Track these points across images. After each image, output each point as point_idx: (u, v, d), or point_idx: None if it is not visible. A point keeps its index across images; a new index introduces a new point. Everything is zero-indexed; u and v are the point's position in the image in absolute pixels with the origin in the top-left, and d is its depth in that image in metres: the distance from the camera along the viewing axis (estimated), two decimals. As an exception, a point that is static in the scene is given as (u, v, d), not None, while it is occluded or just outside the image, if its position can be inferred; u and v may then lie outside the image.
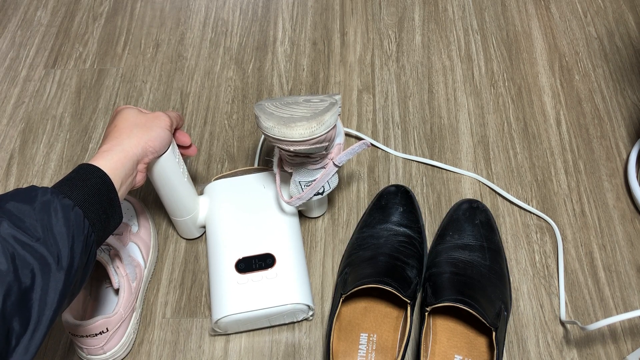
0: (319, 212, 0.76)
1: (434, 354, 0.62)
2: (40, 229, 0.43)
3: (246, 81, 0.90)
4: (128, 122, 0.57)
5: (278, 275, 0.65)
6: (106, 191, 0.50)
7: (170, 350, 0.67)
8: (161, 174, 0.62)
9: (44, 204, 0.44)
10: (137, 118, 0.58)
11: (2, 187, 0.81)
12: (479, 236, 0.69)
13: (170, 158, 0.61)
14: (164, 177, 0.63)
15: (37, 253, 0.42)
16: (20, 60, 0.95)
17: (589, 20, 0.94)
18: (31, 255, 0.41)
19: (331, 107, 0.60)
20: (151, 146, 0.56)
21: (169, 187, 0.64)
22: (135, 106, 0.65)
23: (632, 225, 0.74)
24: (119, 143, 0.54)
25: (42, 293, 0.41)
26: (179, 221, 0.70)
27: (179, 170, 0.64)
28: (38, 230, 0.43)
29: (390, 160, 0.81)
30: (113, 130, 0.56)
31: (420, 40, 0.93)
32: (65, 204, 0.45)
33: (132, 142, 0.55)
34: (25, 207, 0.43)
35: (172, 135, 0.62)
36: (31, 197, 0.44)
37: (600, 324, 0.58)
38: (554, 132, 0.83)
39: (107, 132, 0.57)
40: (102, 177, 0.50)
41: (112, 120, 0.58)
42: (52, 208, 0.44)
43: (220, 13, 0.99)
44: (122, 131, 0.55)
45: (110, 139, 0.55)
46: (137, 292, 0.67)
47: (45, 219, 0.43)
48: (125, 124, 0.56)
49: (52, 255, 0.42)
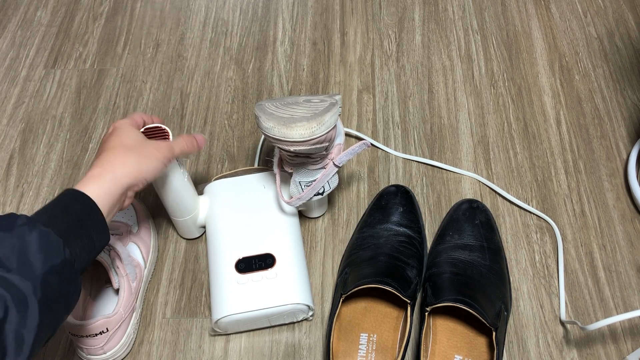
0: (319, 212, 0.76)
1: (434, 354, 0.62)
2: (15, 259, 0.41)
3: (246, 81, 0.90)
4: (124, 146, 0.54)
5: (278, 276, 0.65)
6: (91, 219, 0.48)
7: (170, 350, 0.67)
8: (162, 175, 0.62)
9: (21, 233, 0.42)
10: (135, 141, 0.55)
11: (2, 187, 0.81)
12: (479, 236, 0.69)
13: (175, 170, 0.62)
14: (164, 178, 0.63)
15: (10, 284, 0.40)
16: (20, 60, 0.95)
17: (589, 20, 0.94)
18: (4, 287, 0.40)
19: (331, 107, 0.60)
20: (144, 177, 0.54)
21: (170, 188, 0.64)
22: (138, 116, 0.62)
23: (632, 225, 0.74)
24: (111, 170, 0.52)
25: (17, 325, 0.40)
26: (179, 221, 0.70)
27: (179, 171, 0.64)
28: (12, 260, 0.41)
29: (390, 160, 0.81)
30: (107, 152, 0.54)
31: (420, 40, 0.93)
32: (43, 232, 0.43)
33: (124, 171, 0.53)
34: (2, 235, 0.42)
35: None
36: (9, 225, 0.43)
37: (600, 324, 0.58)
38: (554, 132, 0.83)
39: (100, 151, 0.55)
40: (89, 204, 0.48)
41: (108, 139, 0.56)
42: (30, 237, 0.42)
43: (220, 13, 0.99)
44: (116, 156, 0.53)
45: (102, 162, 0.53)
46: (137, 292, 0.67)
47: (22, 249, 0.42)
48: (121, 149, 0.54)
49: (27, 286, 0.41)
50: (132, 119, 0.60)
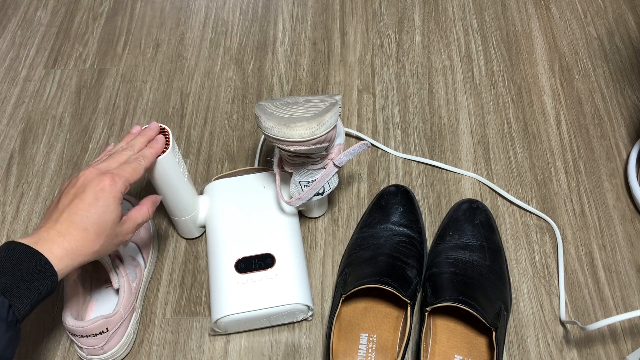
0: (319, 212, 0.76)
1: (434, 354, 0.62)
2: None
3: (246, 81, 0.90)
4: (97, 233, 0.52)
5: (278, 276, 0.65)
6: (43, 277, 0.47)
7: (170, 350, 0.67)
8: (161, 174, 0.62)
9: None
10: (110, 225, 0.53)
11: (2, 187, 0.81)
12: (479, 236, 0.69)
13: (171, 158, 0.61)
14: (164, 178, 0.63)
15: None
16: (20, 60, 0.95)
17: (589, 20, 0.94)
18: None
19: (331, 107, 0.60)
20: (103, 255, 0.55)
21: (169, 187, 0.64)
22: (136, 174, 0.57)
23: (632, 225, 0.74)
24: (80, 252, 0.50)
25: None
26: (179, 221, 0.70)
27: (179, 170, 0.64)
28: None
29: (390, 160, 0.81)
30: (79, 230, 0.51)
31: (420, 40, 0.93)
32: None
33: (90, 254, 0.52)
34: None
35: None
36: None
37: (600, 324, 0.58)
38: (554, 132, 0.83)
39: (75, 209, 0.51)
40: (44, 266, 0.47)
41: (88, 206, 0.52)
42: None
43: (220, 13, 0.99)
44: (87, 240, 0.51)
45: (73, 238, 0.50)
46: (137, 292, 0.67)
47: None
48: (93, 235, 0.51)
49: None
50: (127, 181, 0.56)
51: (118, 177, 0.55)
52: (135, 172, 0.57)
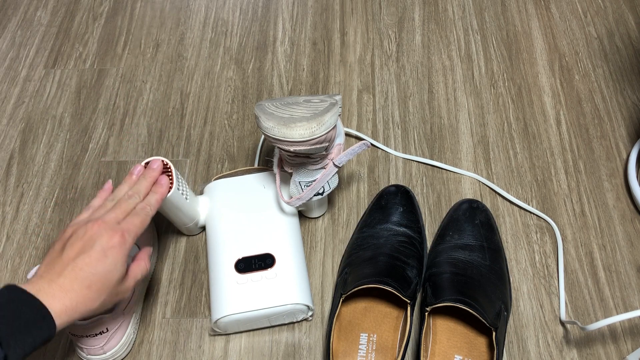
0: (319, 212, 0.76)
1: (434, 354, 0.62)
2: None
3: (246, 81, 0.90)
4: (100, 290, 0.50)
5: (277, 276, 0.65)
6: (41, 329, 0.46)
7: (170, 350, 0.67)
8: (167, 207, 0.64)
9: None
10: (114, 282, 0.51)
11: (2, 187, 0.81)
12: (479, 236, 0.69)
13: (176, 195, 0.63)
14: (169, 208, 0.65)
15: None
16: (20, 60, 0.95)
17: (589, 20, 0.94)
18: None
19: (331, 107, 0.60)
20: (103, 310, 0.53)
21: (174, 213, 0.66)
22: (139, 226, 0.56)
23: (632, 225, 0.74)
24: (81, 307, 0.49)
25: None
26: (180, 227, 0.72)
27: (183, 199, 0.66)
28: None
29: (390, 160, 0.81)
30: (84, 286, 0.49)
31: (420, 40, 0.93)
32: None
33: (91, 309, 0.50)
34: None
35: None
36: None
37: (600, 324, 0.58)
38: (554, 132, 0.83)
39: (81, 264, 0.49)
40: (44, 316, 0.46)
41: (95, 261, 0.50)
42: None
43: (220, 13, 0.99)
44: (89, 298, 0.49)
45: (76, 294, 0.48)
46: (137, 292, 0.67)
47: None
48: (95, 293, 0.50)
49: None
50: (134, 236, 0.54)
51: (127, 234, 0.53)
52: (143, 224, 0.56)
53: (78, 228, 0.53)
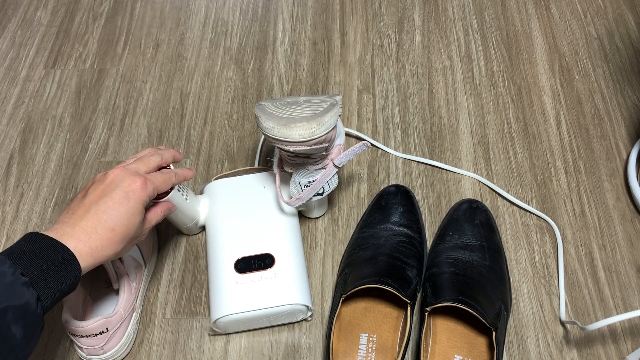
0: (319, 212, 0.76)
1: (434, 354, 0.62)
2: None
3: (246, 81, 0.90)
4: (122, 235, 0.50)
5: (277, 276, 0.65)
6: (68, 270, 0.46)
7: (170, 350, 0.67)
8: None
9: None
10: (135, 229, 0.52)
11: (2, 187, 0.81)
12: (479, 236, 0.69)
13: (176, 195, 0.63)
14: None
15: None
16: (20, 60, 0.95)
17: (589, 20, 0.94)
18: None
19: (331, 107, 0.60)
20: (126, 251, 0.54)
21: (174, 215, 0.66)
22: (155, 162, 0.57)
23: (632, 225, 0.74)
24: (102, 253, 0.49)
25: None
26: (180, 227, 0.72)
27: (182, 198, 0.66)
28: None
29: (390, 160, 0.81)
30: (106, 231, 0.49)
31: (420, 40, 0.93)
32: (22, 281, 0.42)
33: (110, 254, 0.50)
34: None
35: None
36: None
37: (600, 324, 0.58)
38: (554, 132, 0.83)
39: (102, 208, 0.49)
40: (70, 260, 0.46)
41: (117, 204, 0.50)
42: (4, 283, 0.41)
43: (220, 13, 0.99)
44: (112, 243, 0.50)
45: (98, 239, 0.48)
46: (137, 292, 0.67)
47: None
48: (118, 238, 0.50)
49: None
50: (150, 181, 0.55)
51: (150, 182, 0.53)
52: (166, 183, 0.56)
53: (99, 175, 0.53)
